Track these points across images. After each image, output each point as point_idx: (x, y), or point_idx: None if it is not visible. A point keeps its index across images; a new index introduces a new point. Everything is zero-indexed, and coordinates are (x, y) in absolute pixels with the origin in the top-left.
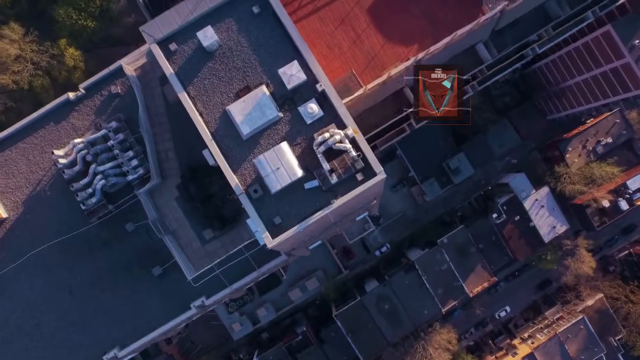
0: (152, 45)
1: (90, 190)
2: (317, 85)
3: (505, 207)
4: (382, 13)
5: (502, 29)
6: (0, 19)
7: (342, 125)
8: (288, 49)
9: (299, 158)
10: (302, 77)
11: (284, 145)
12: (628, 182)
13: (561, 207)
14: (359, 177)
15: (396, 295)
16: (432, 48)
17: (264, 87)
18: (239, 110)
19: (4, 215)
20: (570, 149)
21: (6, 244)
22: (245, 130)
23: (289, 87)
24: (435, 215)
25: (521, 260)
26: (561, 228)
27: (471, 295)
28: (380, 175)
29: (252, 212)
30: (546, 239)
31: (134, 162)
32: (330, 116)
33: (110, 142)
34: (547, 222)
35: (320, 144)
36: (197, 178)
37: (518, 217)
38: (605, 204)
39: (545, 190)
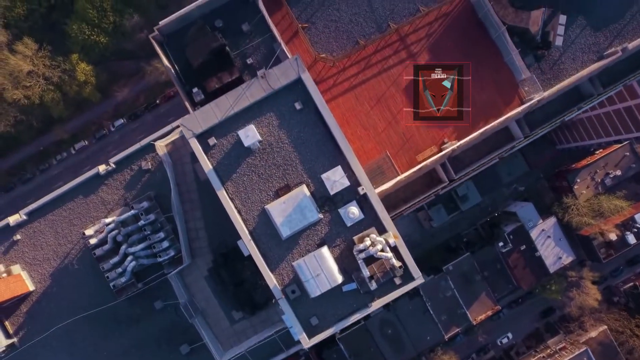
0: (191, 140)
1: (120, 269)
2: (359, 189)
3: (511, 237)
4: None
5: None
6: (14, 32)
7: (382, 229)
8: (329, 148)
9: (338, 260)
10: (346, 183)
11: (325, 251)
12: (636, 216)
13: (567, 236)
14: (397, 280)
15: (400, 320)
16: (467, 139)
17: (304, 187)
18: (279, 212)
19: (31, 287)
20: (578, 180)
21: (32, 316)
22: (285, 232)
23: (331, 192)
24: (441, 240)
25: (526, 289)
26: (567, 259)
27: (475, 323)
28: (419, 280)
29: (289, 312)
30: (551, 269)
31: (165, 244)
32: (371, 219)
33: (141, 222)
34: (553, 253)
35: (362, 251)
36: (229, 263)
37: (524, 246)
38: (613, 237)
39: (552, 220)
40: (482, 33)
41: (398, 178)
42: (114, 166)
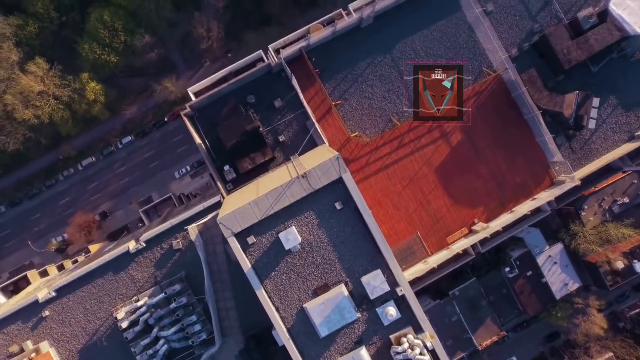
0: (230, 239)
1: (151, 351)
2: (397, 289)
3: (518, 262)
4: (451, 173)
5: None
6: (25, 49)
7: (418, 328)
8: (369, 248)
9: (374, 357)
10: (386, 288)
11: (364, 353)
12: None
13: (574, 263)
14: None
15: None
16: (498, 222)
17: (342, 287)
18: (317, 312)
19: None
20: (586, 206)
21: None
22: (324, 332)
23: (372, 297)
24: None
25: (531, 315)
26: (573, 285)
27: (480, 348)
28: None
29: None
30: (557, 296)
31: (197, 327)
32: (407, 318)
33: (173, 305)
34: (559, 279)
35: (399, 353)
36: (261, 347)
37: (530, 272)
38: (620, 265)
39: (559, 247)
40: (514, 111)
41: (430, 265)
42: (144, 244)
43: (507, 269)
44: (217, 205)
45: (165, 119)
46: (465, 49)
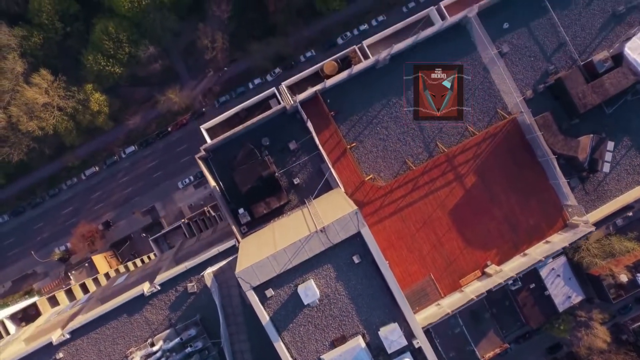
0: (249, 292)
1: None
2: (414, 342)
3: (521, 275)
4: (464, 215)
5: None
6: (30, 60)
7: None
8: (386, 300)
9: None
10: (403, 342)
11: None
12: None
13: (577, 276)
14: None
15: None
16: (512, 266)
17: (360, 339)
18: None
19: None
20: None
21: None
22: None
23: (389, 351)
24: None
25: (534, 327)
26: (576, 298)
27: None
28: None
29: None
30: (560, 308)
31: None
32: None
33: (189, 350)
34: (562, 292)
35: None
36: None
37: (533, 284)
38: (623, 279)
39: (562, 259)
40: (528, 153)
41: (443, 306)
42: (159, 287)
43: (510, 282)
44: (232, 249)
45: (169, 128)
46: (481, 90)
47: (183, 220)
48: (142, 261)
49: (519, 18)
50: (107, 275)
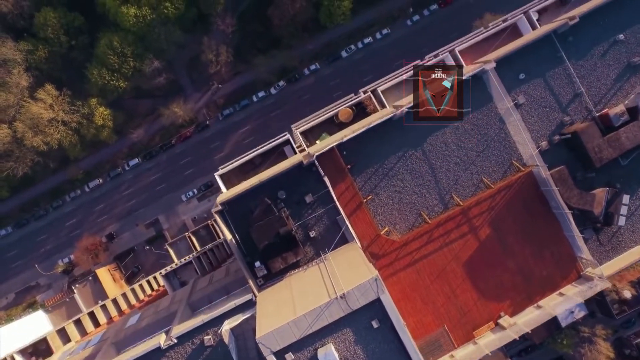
0: (269, 357)
1: None
2: None
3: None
4: (478, 267)
5: None
6: (35, 73)
7: None
8: None
9: None
10: None
11: None
12: None
13: None
14: None
15: None
16: (528, 320)
17: None
18: None
19: None
20: None
21: None
22: None
23: None
24: None
25: (538, 343)
26: (579, 313)
27: None
28: None
29: None
30: (563, 324)
31: None
32: None
33: None
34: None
35: None
36: None
37: None
38: (627, 295)
39: None
40: (542, 204)
41: (456, 358)
42: (175, 340)
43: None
44: (249, 304)
45: (173, 141)
46: (496, 141)
47: (187, 234)
48: (148, 283)
49: (535, 68)
50: (115, 301)
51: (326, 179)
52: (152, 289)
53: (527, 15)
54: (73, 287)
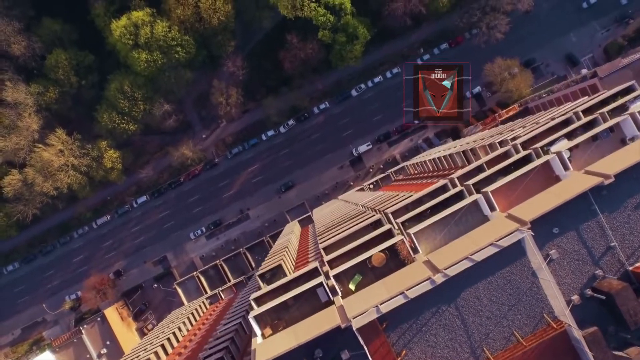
0: None
1: None
2: None
3: None
4: None
5: None
6: (45, 114)
7: None
8: None
9: None
10: None
11: None
12: None
13: None
14: None
15: None
16: None
17: None
18: None
19: None
20: None
21: None
22: None
23: None
24: None
25: None
26: None
27: None
28: None
29: None
30: None
31: None
32: None
33: None
34: None
35: None
36: None
37: None
38: None
39: None
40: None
41: None
42: None
43: None
44: None
45: (181, 179)
46: (528, 295)
47: (196, 273)
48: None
49: (568, 222)
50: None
51: (360, 339)
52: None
53: (559, 155)
54: (81, 328)
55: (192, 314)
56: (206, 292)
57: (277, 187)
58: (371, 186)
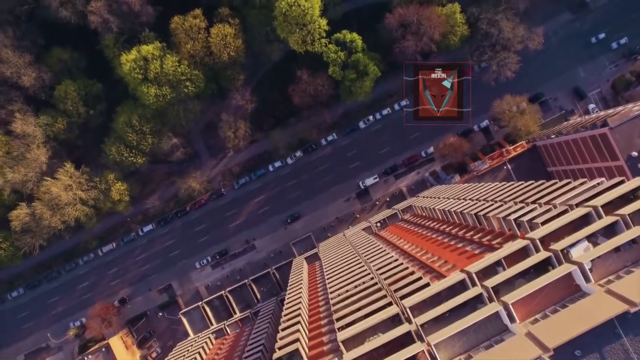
0: None
1: None
2: None
3: None
4: None
5: None
6: (53, 145)
7: None
8: None
9: None
10: None
11: None
12: None
13: None
14: None
15: None
16: None
17: None
18: None
19: None
20: None
21: None
22: None
23: None
24: None
25: None
26: None
27: None
28: None
29: None
30: None
31: None
32: None
33: None
34: None
35: None
36: None
37: None
38: None
39: None
40: None
41: None
42: None
43: None
44: None
45: (187, 208)
46: None
47: (201, 304)
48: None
49: (591, 344)
50: None
51: None
52: None
53: (581, 267)
54: (85, 358)
55: (199, 353)
56: (211, 323)
57: (284, 218)
58: (378, 224)
